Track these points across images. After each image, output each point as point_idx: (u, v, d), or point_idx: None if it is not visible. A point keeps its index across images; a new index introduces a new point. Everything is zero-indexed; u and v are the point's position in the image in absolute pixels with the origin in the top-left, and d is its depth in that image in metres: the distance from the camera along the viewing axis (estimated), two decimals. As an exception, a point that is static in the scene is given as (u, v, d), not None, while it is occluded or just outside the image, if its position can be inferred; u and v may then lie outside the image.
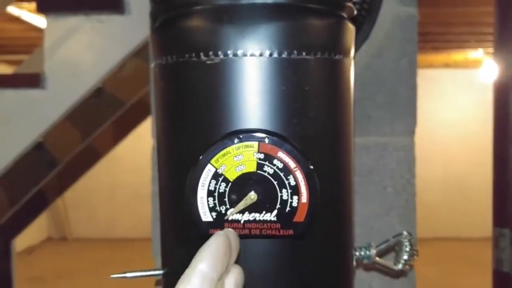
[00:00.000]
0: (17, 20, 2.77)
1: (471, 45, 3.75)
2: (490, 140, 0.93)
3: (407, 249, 0.53)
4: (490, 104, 0.96)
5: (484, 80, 4.42)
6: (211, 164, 0.42)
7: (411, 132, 0.75)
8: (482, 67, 4.45)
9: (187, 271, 0.29)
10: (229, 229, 0.35)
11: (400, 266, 0.54)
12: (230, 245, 0.31)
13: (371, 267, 0.74)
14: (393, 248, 0.56)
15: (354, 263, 0.50)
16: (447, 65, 4.62)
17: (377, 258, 0.53)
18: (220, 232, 0.31)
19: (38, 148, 1.39)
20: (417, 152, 0.75)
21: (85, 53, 1.24)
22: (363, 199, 0.74)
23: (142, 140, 2.32)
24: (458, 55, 4.30)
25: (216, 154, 0.42)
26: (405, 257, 0.53)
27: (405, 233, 0.54)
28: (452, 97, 4.81)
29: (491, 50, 3.66)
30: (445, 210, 4.88)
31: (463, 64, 4.59)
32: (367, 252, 0.52)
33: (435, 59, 4.44)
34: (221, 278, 0.30)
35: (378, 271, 0.75)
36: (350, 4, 0.47)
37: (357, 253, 0.52)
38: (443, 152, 4.83)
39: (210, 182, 0.42)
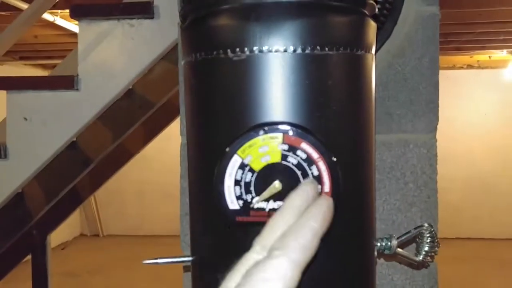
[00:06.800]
0: (51, 25, 2.87)
1: (495, 45, 3.68)
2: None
3: (428, 240, 0.54)
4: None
5: (509, 79, 4.33)
6: (237, 154, 0.44)
7: (433, 129, 0.75)
8: (507, 67, 4.35)
9: (299, 223, 0.31)
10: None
11: (421, 257, 0.55)
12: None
13: (393, 259, 0.75)
14: (415, 240, 0.57)
15: (376, 253, 0.52)
16: (470, 66, 4.54)
17: (398, 249, 0.54)
18: (327, 197, 0.33)
19: (72, 147, 1.44)
20: (440, 152, 0.76)
21: (117, 56, 1.29)
22: (385, 195, 0.75)
23: (171, 140, 2.37)
24: (481, 56, 4.21)
25: (242, 145, 0.44)
26: (426, 248, 0.54)
27: (426, 224, 0.55)
28: (476, 97, 4.73)
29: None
30: (468, 210, 4.79)
31: (487, 64, 4.50)
32: (389, 243, 0.54)
33: (458, 60, 4.37)
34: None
35: (400, 265, 0.75)
36: (371, 2, 0.49)
37: (379, 244, 0.54)
38: (467, 152, 4.75)
39: (236, 172, 0.44)
